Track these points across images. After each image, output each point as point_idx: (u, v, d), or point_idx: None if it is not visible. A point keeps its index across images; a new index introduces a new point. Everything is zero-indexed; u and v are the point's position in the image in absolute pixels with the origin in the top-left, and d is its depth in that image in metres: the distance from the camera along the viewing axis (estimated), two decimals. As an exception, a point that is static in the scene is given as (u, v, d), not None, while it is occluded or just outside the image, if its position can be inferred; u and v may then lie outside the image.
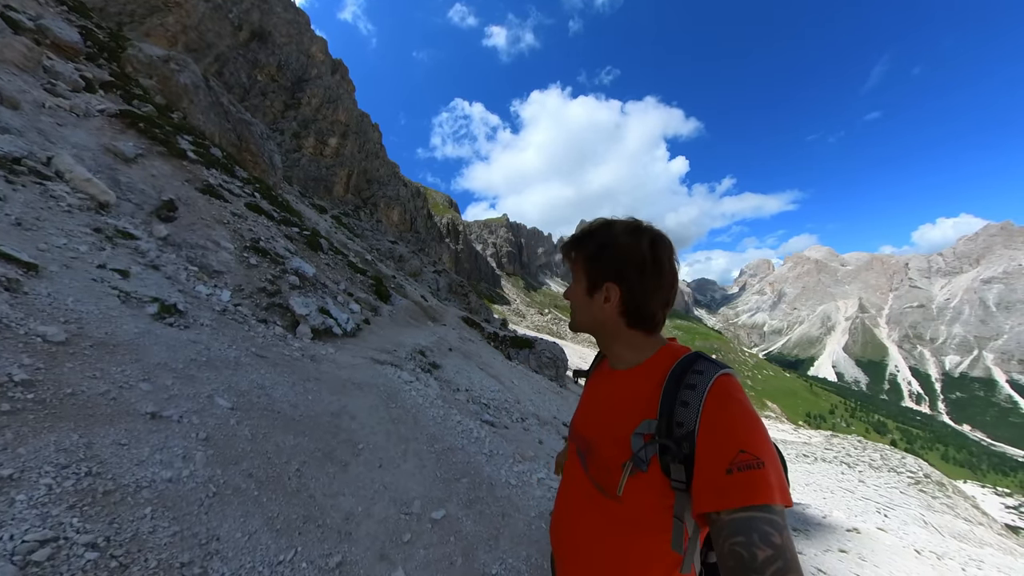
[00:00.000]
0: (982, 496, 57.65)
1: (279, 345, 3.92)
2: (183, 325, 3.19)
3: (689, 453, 0.73)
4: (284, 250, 7.11)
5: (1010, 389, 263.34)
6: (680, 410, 0.76)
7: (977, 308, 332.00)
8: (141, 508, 1.64)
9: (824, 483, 22.12)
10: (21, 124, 6.27)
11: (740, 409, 0.73)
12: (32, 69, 8.68)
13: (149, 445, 1.88)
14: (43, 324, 2.24)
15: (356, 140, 48.14)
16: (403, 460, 3.03)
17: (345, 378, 3.66)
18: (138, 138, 8.44)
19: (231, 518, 1.83)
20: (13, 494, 1.48)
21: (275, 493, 2.08)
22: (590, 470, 0.94)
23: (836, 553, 5.73)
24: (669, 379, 0.82)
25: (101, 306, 2.75)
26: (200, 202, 6.92)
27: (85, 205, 4.98)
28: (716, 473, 0.69)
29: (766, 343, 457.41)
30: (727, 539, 0.66)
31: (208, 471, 1.92)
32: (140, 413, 2.03)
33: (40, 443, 1.62)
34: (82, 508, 1.52)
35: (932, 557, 7.31)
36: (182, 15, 31.72)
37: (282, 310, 5.15)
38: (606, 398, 0.99)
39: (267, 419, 2.50)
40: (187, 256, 5.12)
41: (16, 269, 2.57)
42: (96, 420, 1.84)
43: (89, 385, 2.02)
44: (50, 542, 1.42)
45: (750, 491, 0.66)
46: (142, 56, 13.71)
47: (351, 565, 2.06)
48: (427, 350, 6.85)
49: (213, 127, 12.51)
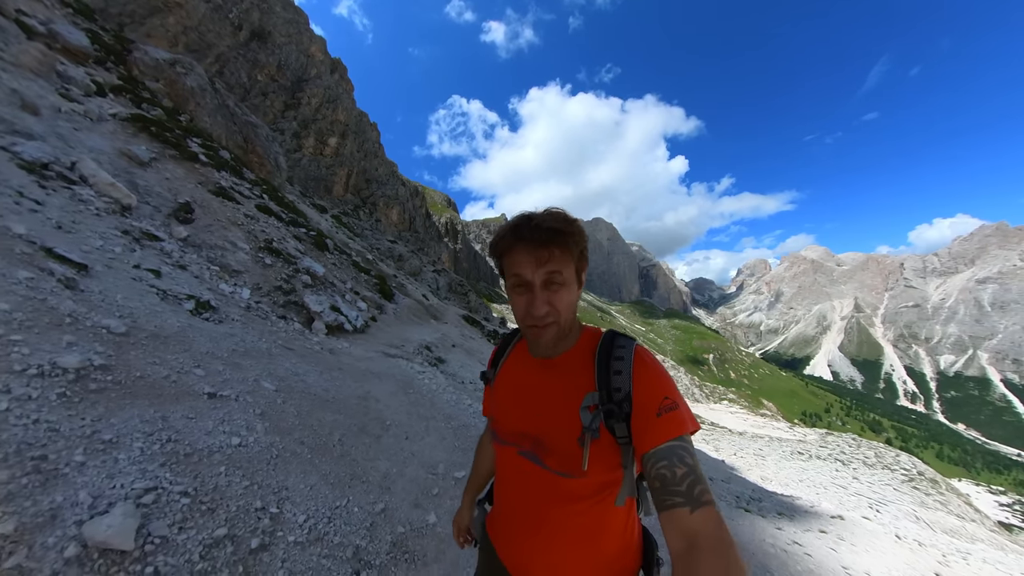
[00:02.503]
0: (976, 494, 58.22)
1: (300, 339, 4.21)
2: (217, 320, 3.48)
3: (628, 411, 0.87)
4: (295, 250, 7.38)
5: (1004, 388, 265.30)
6: (615, 378, 0.90)
7: (972, 308, 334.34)
8: (216, 467, 2.03)
9: (818, 479, 22.43)
10: (43, 129, 6.52)
11: (657, 368, 0.91)
12: (46, 74, 8.90)
13: (212, 419, 2.24)
14: (105, 317, 2.52)
15: (355, 140, 48.30)
16: (426, 434, 3.56)
17: (364, 368, 3.98)
18: (150, 141, 8.69)
19: (293, 474, 2.24)
20: (116, 454, 1.85)
21: (324, 457, 2.50)
22: (548, 462, 0.96)
23: (816, 533, 6.09)
24: (600, 355, 0.94)
25: (145, 302, 3.03)
26: (214, 204, 7.18)
27: (110, 208, 5.24)
28: (650, 417, 0.85)
29: (763, 342, 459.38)
30: (654, 466, 0.80)
31: (268, 438, 2.29)
32: (200, 393, 2.36)
33: (126, 415, 1.96)
34: (171, 466, 1.89)
35: (914, 544, 7.63)
36: (183, 16, 31.78)
37: (298, 307, 5.42)
38: (545, 388, 1.00)
39: (307, 400, 2.85)
40: (207, 256, 5.38)
41: (70, 269, 2.84)
42: (165, 399, 2.16)
43: (153, 370, 2.34)
44: (152, 490, 1.78)
45: (674, 426, 0.83)
46: (148, 59, 13.91)
47: (392, 511, 2.53)
48: (432, 346, 7.13)
49: (220, 129, 12.73)
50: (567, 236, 0.88)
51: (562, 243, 0.88)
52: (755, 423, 55.79)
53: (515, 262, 0.91)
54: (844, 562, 5.00)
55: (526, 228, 0.88)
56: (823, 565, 4.67)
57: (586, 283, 1.04)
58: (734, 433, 35.15)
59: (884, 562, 5.51)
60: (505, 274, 0.95)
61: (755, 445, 28.59)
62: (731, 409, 73.87)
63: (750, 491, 9.94)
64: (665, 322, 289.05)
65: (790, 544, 4.89)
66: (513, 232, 0.90)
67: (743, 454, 24.97)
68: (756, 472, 19.59)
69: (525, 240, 0.88)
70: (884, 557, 5.78)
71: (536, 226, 0.87)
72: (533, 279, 0.89)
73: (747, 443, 29.20)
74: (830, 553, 5.17)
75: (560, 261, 0.89)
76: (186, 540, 1.69)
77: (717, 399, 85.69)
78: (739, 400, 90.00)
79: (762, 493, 10.38)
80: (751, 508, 7.26)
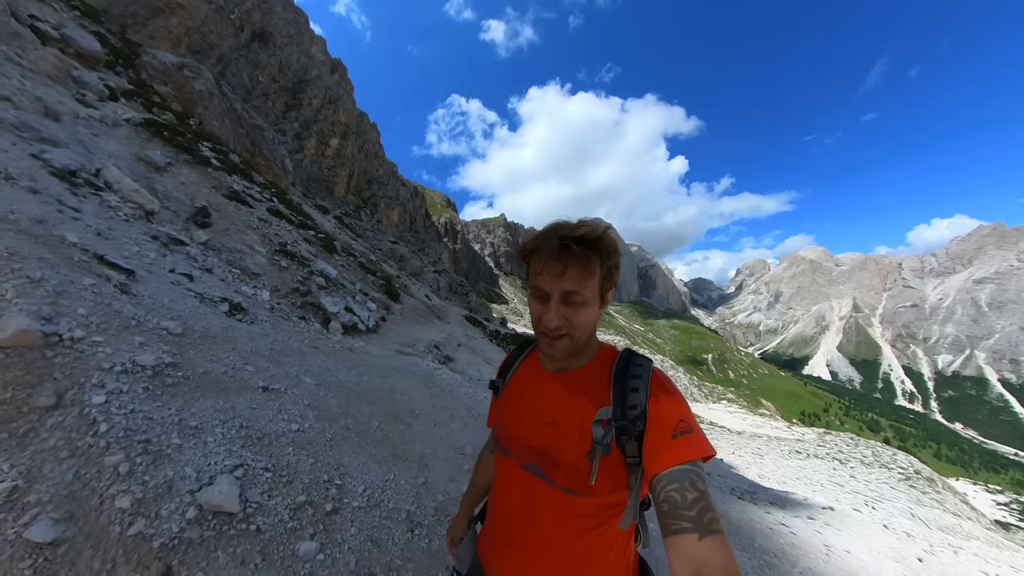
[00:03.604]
0: (973, 493, 58.55)
1: (322, 339, 4.48)
2: (249, 321, 3.73)
3: (642, 430, 0.85)
4: (307, 253, 7.62)
5: (1001, 388, 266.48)
6: (632, 395, 0.88)
7: (969, 308, 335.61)
8: (284, 448, 2.40)
9: (815, 477, 22.69)
10: (66, 136, 6.74)
11: (674, 391, 0.90)
12: (63, 80, 9.12)
13: (271, 408, 2.56)
14: (163, 320, 2.79)
15: (356, 140, 48.50)
16: (450, 422, 4.04)
17: (385, 365, 4.28)
18: (164, 146, 8.91)
19: (347, 454, 2.66)
20: (204, 437, 2.21)
21: (368, 440, 2.88)
22: (553, 477, 0.92)
23: (804, 519, 6.41)
24: (617, 372, 0.93)
25: (188, 305, 3.29)
26: (229, 208, 7.42)
27: (136, 214, 5.47)
28: (664, 439, 0.83)
29: (762, 342, 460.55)
30: (664, 489, 0.77)
31: (320, 425, 2.64)
32: (255, 387, 2.66)
33: (203, 406, 2.27)
34: (249, 447, 2.25)
35: (902, 534, 7.89)
36: (185, 17, 31.89)
37: (314, 308, 5.67)
38: (557, 400, 0.98)
39: (343, 392, 3.17)
40: (227, 259, 5.62)
41: (120, 275, 3.08)
42: (228, 392, 2.46)
43: (212, 367, 2.64)
44: (240, 467, 2.16)
45: (688, 449, 0.81)
46: (156, 63, 14.13)
47: (432, 483, 2.99)
48: (440, 345, 7.39)
49: (228, 133, 12.95)
50: (593, 255, 0.85)
51: (586, 262, 0.85)
52: (754, 422, 56.16)
53: (536, 272, 0.89)
54: (827, 542, 5.32)
55: (553, 239, 0.86)
56: (806, 542, 5.00)
57: None
58: (733, 432, 35.45)
59: (867, 545, 5.81)
60: (529, 279, 0.94)
61: (753, 444, 28.86)
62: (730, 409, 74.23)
63: (746, 485, 10.22)
64: (664, 322, 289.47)
65: (777, 524, 5.22)
66: (539, 241, 0.88)
67: (741, 453, 25.24)
68: (754, 470, 19.85)
69: (549, 252, 0.86)
70: (868, 541, 6.09)
71: (564, 240, 0.84)
72: (551, 292, 0.88)
73: (746, 442, 29.48)
74: (815, 534, 5.52)
75: (581, 280, 0.86)
76: (276, 504, 2.05)
77: (716, 399, 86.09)
78: (738, 400, 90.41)
79: (757, 487, 10.66)
80: (744, 498, 7.55)
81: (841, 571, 4.46)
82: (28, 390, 1.86)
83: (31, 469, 1.65)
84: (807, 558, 4.47)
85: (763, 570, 3.69)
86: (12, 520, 1.50)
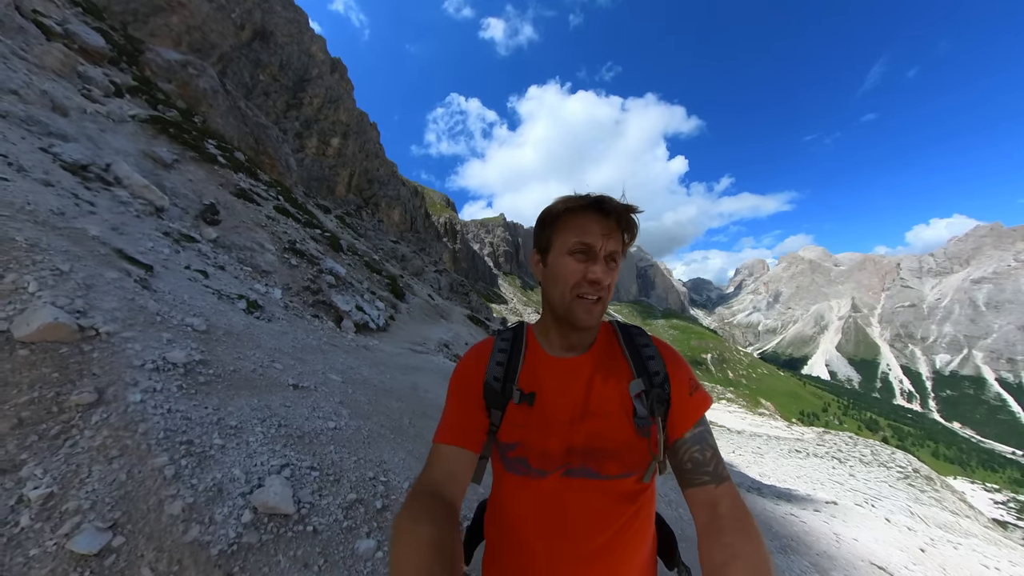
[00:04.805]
0: (971, 492, 58.82)
1: (338, 337, 4.45)
2: (266, 318, 3.70)
3: (669, 393, 0.88)
4: (316, 251, 7.58)
5: (999, 387, 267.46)
6: (650, 363, 0.91)
7: (967, 308, 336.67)
8: (326, 446, 2.34)
9: (815, 476, 22.72)
10: (74, 131, 6.70)
11: (675, 350, 0.96)
12: (68, 75, 9.06)
13: (305, 406, 2.52)
14: (187, 316, 2.76)
15: (357, 140, 48.40)
16: None
17: (403, 363, 4.24)
18: (170, 143, 8.87)
19: (386, 451, 2.59)
20: (245, 437, 2.14)
21: (403, 437, 2.81)
22: (607, 470, 0.86)
23: (810, 511, 6.54)
24: (627, 344, 0.95)
25: (208, 302, 3.25)
26: (237, 206, 7.38)
27: (147, 210, 5.43)
28: (685, 397, 0.89)
29: (761, 342, 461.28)
30: (688, 451, 0.85)
31: (355, 423, 2.57)
32: (286, 384, 2.62)
33: (237, 405, 2.23)
34: (292, 446, 2.20)
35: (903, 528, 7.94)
36: (186, 15, 31.77)
37: (326, 306, 5.64)
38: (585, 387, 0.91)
39: (370, 389, 3.11)
40: (238, 257, 5.59)
41: (139, 270, 3.05)
42: (260, 389, 2.42)
43: (241, 364, 2.59)
44: (286, 466, 2.08)
45: (703, 402, 0.90)
46: (160, 60, 14.06)
47: None
48: (449, 343, 7.37)
49: (232, 131, 12.89)
50: (634, 229, 0.89)
51: (629, 232, 0.88)
52: (753, 422, 56.24)
53: (584, 229, 0.86)
54: (835, 531, 5.56)
55: (608, 202, 0.86)
56: (817, 530, 5.27)
57: None
58: (732, 432, 35.46)
59: (872, 535, 5.95)
60: (556, 240, 0.89)
61: (753, 443, 28.88)
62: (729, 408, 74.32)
63: (749, 482, 10.25)
64: (663, 322, 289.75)
65: (787, 515, 5.38)
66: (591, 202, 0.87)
67: (741, 452, 25.26)
68: (755, 469, 19.87)
69: (603, 212, 0.86)
70: (872, 532, 6.24)
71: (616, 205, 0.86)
72: (599, 249, 0.86)
73: (745, 441, 29.50)
74: (823, 524, 5.75)
75: (622, 245, 0.88)
76: (328, 504, 2.01)
77: (716, 399, 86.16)
78: (737, 399, 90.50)
79: (760, 484, 10.69)
80: (752, 492, 7.63)
81: (853, 555, 4.68)
82: (59, 388, 1.79)
83: (66, 474, 1.56)
84: (820, 543, 4.73)
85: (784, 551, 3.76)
86: (50, 531, 1.40)
